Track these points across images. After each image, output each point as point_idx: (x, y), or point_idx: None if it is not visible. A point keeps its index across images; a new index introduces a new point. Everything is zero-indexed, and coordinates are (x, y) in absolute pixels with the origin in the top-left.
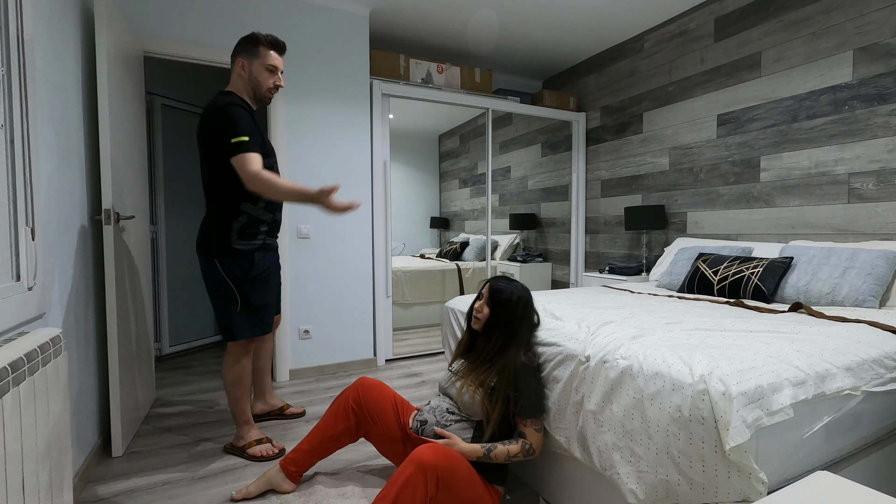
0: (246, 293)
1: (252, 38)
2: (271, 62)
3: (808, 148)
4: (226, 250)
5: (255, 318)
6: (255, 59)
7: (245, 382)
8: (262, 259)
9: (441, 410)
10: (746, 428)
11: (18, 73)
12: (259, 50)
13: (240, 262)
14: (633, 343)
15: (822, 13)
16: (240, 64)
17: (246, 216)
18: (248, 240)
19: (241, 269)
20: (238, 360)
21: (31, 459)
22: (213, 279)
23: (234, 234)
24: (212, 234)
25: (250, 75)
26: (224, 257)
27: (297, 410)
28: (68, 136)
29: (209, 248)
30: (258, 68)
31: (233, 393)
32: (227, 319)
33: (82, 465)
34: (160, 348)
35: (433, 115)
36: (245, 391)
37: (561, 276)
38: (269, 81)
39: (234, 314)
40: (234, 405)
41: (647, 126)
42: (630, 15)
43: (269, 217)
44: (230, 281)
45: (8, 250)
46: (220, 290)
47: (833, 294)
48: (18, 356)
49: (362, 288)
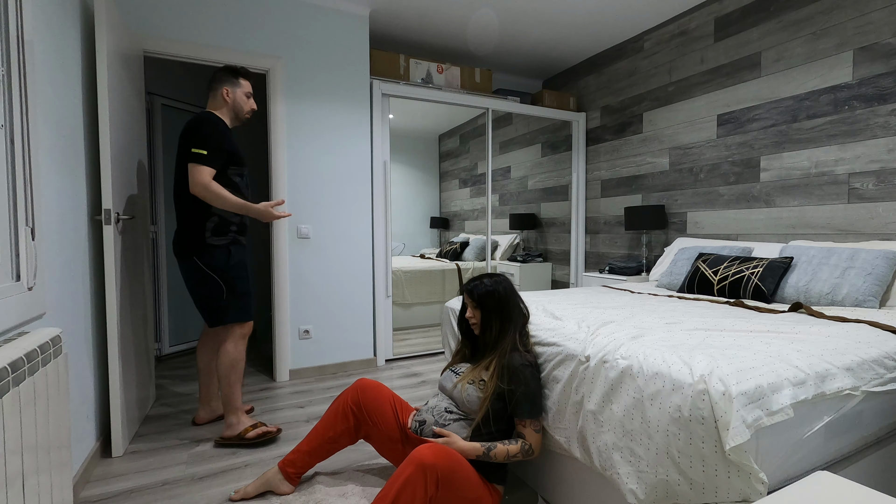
0: (230, 281)
1: (233, 70)
2: (248, 89)
3: (808, 148)
4: (203, 247)
5: (242, 302)
6: (237, 87)
7: (240, 368)
8: (236, 251)
9: (440, 410)
10: (746, 428)
11: (18, 73)
12: (240, 80)
13: (217, 254)
14: (633, 343)
15: (822, 13)
16: (225, 91)
17: (217, 217)
18: (221, 236)
19: (220, 261)
20: (234, 344)
21: (31, 459)
22: (195, 276)
23: (208, 233)
24: (188, 236)
25: (234, 101)
26: (202, 254)
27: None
28: (68, 136)
29: (187, 248)
30: (240, 95)
31: (229, 377)
32: (216, 307)
33: (82, 465)
34: (160, 348)
35: (433, 115)
36: (240, 377)
37: (561, 276)
38: (248, 105)
39: (222, 301)
40: (229, 390)
41: (647, 126)
42: (630, 15)
43: (237, 219)
44: (212, 272)
45: (8, 250)
46: (203, 284)
47: (833, 294)
48: (18, 356)
49: (362, 288)
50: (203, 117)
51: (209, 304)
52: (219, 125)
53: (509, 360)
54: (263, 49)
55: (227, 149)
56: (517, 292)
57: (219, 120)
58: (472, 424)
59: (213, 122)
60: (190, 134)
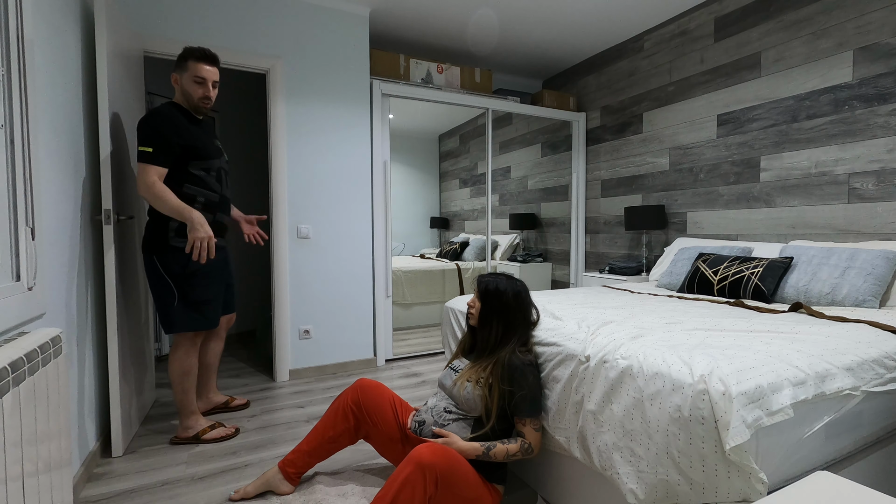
0: (184, 288)
1: (182, 53)
2: (199, 73)
3: (808, 148)
4: (164, 248)
5: (196, 312)
6: (184, 72)
7: (193, 374)
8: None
9: (439, 410)
10: (746, 428)
11: (18, 73)
12: (188, 64)
13: (178, 258)
14: (633, 343)
15: (822, 13)
16: (174, 78)
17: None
18: (186, 238)
19: (178, 265)
20: (186, 352)
21: (31, 459)
22: (152, 274)
23: (171, 233)
24: (152, 233)
25: (182, 88)
26: (163, 255)
27: (241, 402)
28: (68, 136)
29: (149, 246)
30: (187, 81)
31: (181, 385)
32: (164, 313)
33: (82, 465)
34: (160, 348)
35: (433, 115)
36: (193, 383)
37: (561, 276)
38: (198, 92)
39: (171, 307)
40: (182, 397)
41: (647, 126)
42: (630, 15)
43: (209, 217)
44: (168, 276)
45: (8, 250)
46: (158, 285)
47: (833, 294)
48: (18, 356)
49: (362, 288)
50: (153, 111)
51: (160, 306)
52: (170, 118)
53: (509, 360)
54: (263, 49)
55: (181, 142)
56: (530, 303)
57: (172, 112)
58: (472, 424)
59: (161, 114)
60: (137, 131)
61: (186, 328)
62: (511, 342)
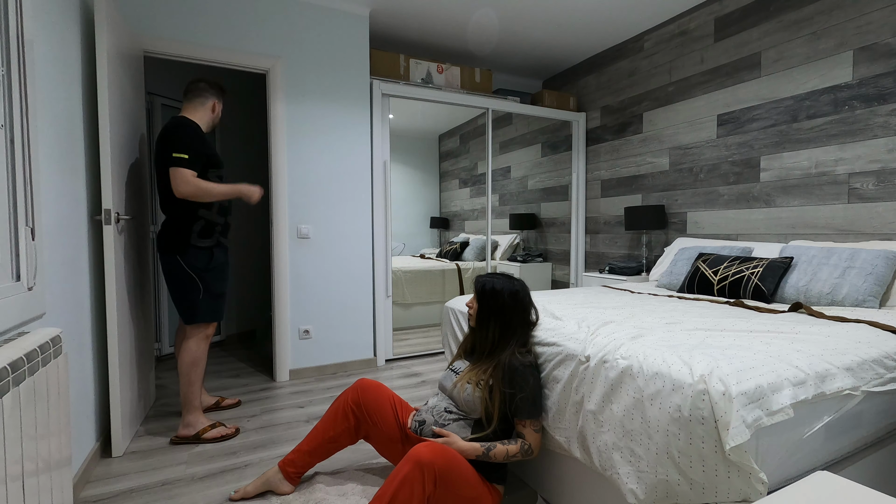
0: (207, 282)
1: (221, 87)
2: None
3: (808, 148)
4: (187, 248)
5: (216, 304)
6: (221, 103)
7: (201, 366)
8: (218, 254)
9: (439, 410)
10: (746, 428)
11: (18, 73)
12: (223, 97)
13: (200, 256)
14: (633, 343)
15: (822, 13)
16: (213, 105)
17: (203, 220)
18: (206, 238)
19: (202, 263)
20: (198, 342)
21: (31, 459)
22: (175, 273)
23: (194, 235)
24: (174, 235)
25: (218, 114)
26: (185, 254)
27: (232, 402)
28: (68, 136)
29: (171, 247)
30: (219, 108)
31: (189, 376)
32: (191, 305)
33: (82, 465)
34: (160, 348)
35: (433, 115)
36: (200, 375)
37: (561, 276)
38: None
39: (198, 300)
40: (188, 389)
41: (647, 126)
42: (630, 15)
43: (221, 220)
44: (192, 273)
45: (8, 250)
46: (183, 282)
47: (833, 294)
48: (18, 356)
49: (362, 288)
50: (180, 122)
51: (185, 300)
52: (197, 130)
53: (509, 362)
54: (263, 49)
55: (206, 152)
56: (529, 302)
57: (196, 125)
58: (472, 424)
59: (191, 127)
60: (169, 139)
61: (209, 319)
62: (510, 343)
